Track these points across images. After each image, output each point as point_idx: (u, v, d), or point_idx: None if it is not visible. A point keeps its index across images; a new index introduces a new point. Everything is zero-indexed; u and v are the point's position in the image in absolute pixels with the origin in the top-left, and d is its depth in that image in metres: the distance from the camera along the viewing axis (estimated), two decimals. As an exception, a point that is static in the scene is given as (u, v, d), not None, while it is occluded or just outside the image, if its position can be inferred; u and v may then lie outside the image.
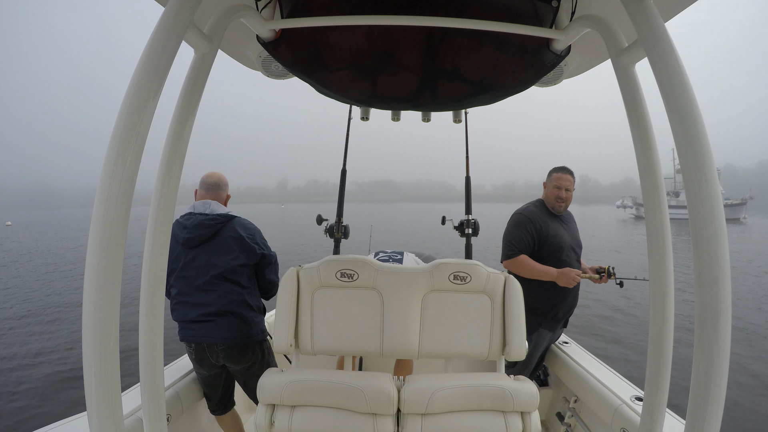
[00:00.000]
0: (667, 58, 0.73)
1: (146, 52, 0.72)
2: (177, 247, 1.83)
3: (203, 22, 0.91)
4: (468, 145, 2.55)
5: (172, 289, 1.86)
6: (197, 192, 1.95)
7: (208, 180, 1.93)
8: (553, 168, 2.35)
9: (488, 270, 1.58)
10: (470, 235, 2.45)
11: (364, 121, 2.12)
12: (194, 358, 1.84)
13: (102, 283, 0.67)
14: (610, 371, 1.98)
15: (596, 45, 1.26)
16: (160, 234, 0.88)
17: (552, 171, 2.35)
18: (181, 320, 1.83)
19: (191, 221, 1.82)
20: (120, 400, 0.72)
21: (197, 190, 1.95)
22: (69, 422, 1.42)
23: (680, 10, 0.95)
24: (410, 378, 1.40)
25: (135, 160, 0.69)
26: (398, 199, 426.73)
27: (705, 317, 0.69)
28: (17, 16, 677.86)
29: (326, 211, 2.61)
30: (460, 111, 2.12)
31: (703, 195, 0.68)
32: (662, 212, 0.89)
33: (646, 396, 0.92)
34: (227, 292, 1.81)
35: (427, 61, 1.24)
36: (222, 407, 1.97)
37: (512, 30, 1.03)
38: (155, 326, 0.88)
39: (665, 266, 0.88)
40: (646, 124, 0.87)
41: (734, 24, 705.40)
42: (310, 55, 1.22)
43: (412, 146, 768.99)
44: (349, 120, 2.48)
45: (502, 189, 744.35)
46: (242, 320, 1.83)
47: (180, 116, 0.88)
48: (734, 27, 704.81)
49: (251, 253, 1.86)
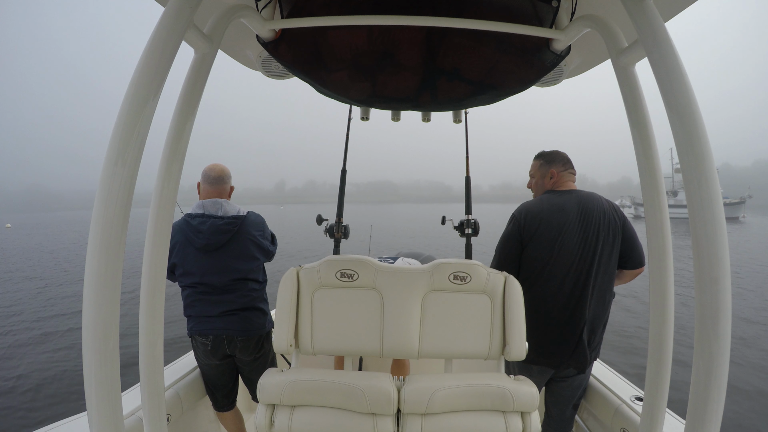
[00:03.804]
0: (667, 58, 0.73)
1: (146, 52, 0.72)
2: (189, 249, 1.82)
3: (203, 22, 0.91)
4: (468, 145, 2.55)
5: (188, 288, 1.87)
6: (200, 186, 1.93)
7: (211, 173, 1.91)
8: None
9: (488, 270, 1.58)
10: (470, 235, 2.45)
11: (364, 121, 2.12)
12: (209, 349, 1.85)
13: (102, 283, 0.67)
14: (610, 371, 1.98)
15: (596, 45, 1.26)
16: (160, 234, 0.88)
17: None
18: (199, 315, 1.84)
19: (207, 226, 1.80)
20: (120, 400, 0.72)
21: (200, 184, 1.93)
22: (69, 422, 1.42)
23: (680, 10, 0.96)
24: (410, 378, 1.40)
25: (135, 160, 0.69)
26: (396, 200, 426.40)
27: (705, 317, 0.69)
28: (16, 15, 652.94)
29: (324, 212, 2.61)
30: (460, 111, 2.12)
31: (703, 195, 0.68)
32: (662, 212, 0.89)
33: (646, 396, 0.92)
34: (249, 290, 1.89)
35: (427, 61, 1.24)
36: (228, 402, 1.99)
37: (512, 30, 1.03)
38: (155, 326, 0.88)
39: (665, 266, 0.88)
40: (646, 124, 0.87)
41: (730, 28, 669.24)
42: (310, 55, 1.22)
43: (410, 147, 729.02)
44: (349, 120, 2.48)
45: (499, 189, 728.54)
46: (262, 313, 1.93)
47: (180, 116, 0.87)
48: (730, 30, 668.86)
49: (266, 252, 1.97)
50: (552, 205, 1.71)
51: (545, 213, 1.70)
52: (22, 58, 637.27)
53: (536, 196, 1.88)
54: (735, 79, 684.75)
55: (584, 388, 1.85)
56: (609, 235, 1.66)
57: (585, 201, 1.70)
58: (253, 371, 1.94)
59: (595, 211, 1.68)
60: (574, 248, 1.65)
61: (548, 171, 1.83)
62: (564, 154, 1.86)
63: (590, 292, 1.65)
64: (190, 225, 1.82)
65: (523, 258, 1.73)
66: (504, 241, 1.78)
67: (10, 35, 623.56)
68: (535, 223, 1.70)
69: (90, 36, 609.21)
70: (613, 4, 1.01)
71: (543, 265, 1.68)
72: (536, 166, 1.89)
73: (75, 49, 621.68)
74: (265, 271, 2.02)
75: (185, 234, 1.82)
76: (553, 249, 1.66)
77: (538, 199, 1.79)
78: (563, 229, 1.66)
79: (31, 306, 9.52)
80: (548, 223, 1.68)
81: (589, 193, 1.76)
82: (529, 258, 1.71)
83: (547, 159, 1.86)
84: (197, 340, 1.87)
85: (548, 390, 1.85)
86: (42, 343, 6.84)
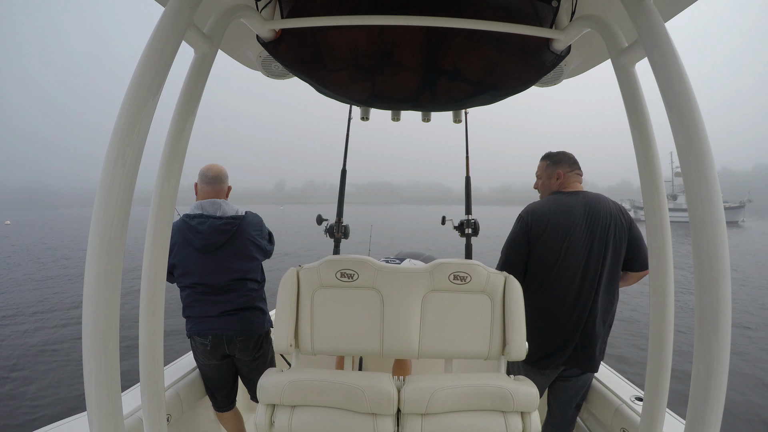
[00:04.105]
0: (667, 58, 0.73)
1: (146, 52, 0.72)
2: (188, 249, 1.82)
3: (203, 22, 0.91)
4: (468, 145, 2.55)
5: (187, 289, 1.87)
6: (197, 186, 1.94)
7: (209, 173, 1.92)
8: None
9: (488, 270, 1.58)
10: (470, 235, 2.45)
11: (364, 121, 2.12)
12: (208, 349, 1.85)
13: (102, 283, 0.67)
14: (611, 371, 1.98)
15: (596, 45, 1.26)
16: (160, 234, 0.88)
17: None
18: (199, 315, 1.85)
19: (206, 226, 1.81)
20: (120, 400, 0.72)
21: (197, 184, 1.94)
22: (69, 422, 1.42)
23: (680, 10, 0.95)
24: (410, 378, 1.40)
25: (135, 160, 0.69)
26: (396, 201, 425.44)
27: (705, 317, 0.69)
28: (17, 13, 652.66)
29: (324, 213, 2.61)
30: (460, 111, 2.12)
31: (703, 195, 0.68)
32: (662, 212, 0.89)
33: (646, 396, 0.92)
34: (248, 290, 1.90)
35: (427, 61, 1.24)
36: (228, 402, 1.99)
37: (512, 30, 1.03)
38: (155, 326, 0.88)
39: (665, 267, 0.88)
40: (646, 125, 0.87)
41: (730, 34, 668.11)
42: (310, 55, 1.22)
43: (409, 148, 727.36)
44: (349, 120, 2.48)
45: (499, 192, 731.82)
46: (261, 312, 1.94)
47: (180, 116, 0.88)
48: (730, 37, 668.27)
49: (265, 252, 1.98)
50: (559, 206, 1.71)
51: (552, 214, 1.70)
52: (22, 55, 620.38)
53: (543, 196, 1.88)
54: (734, 85, 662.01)
55: (587, 388, 1.85)
56: (615, 236, 1.66)
57: (592, 202, 1.70)
58: (253, 371, 1.95)
59: (602, 212, 1.68)
60: (580, 249, 1.65)
61: (555, 172, 1.83)
62: (570, 155, 1.85)
63: (597, 293, 1.65)
64: (189, 225, 1.82)
65: (530, 259, 1.73)
66: (511, 241, 1.78)
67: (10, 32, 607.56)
68: (542, 223, 1.69)
69: (90, 33, 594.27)
70: (613, 4, 1.01)
71: (550, 266, 1.68)
72: (543, 166, 1.89)
73: (75, 47, 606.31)
74: (263, 270, 2.03)
75: (184, 234, 1.82)
76: (561, 250, 1.66)
77: (545, 200, 1.78)
78: (570, 230, 1.66)
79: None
80: (555, 224, 1.67)
81: (595, 195, 1.75)
82: (537, 259, 1.71)
83: (554, 160, 1.85)
84: (196, 340, 1.86)
85: (552, 389, 1.85)
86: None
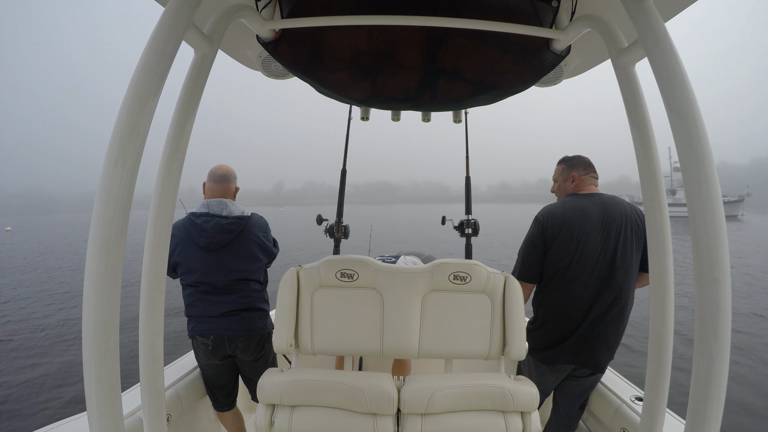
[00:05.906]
0: (667, 58, 0.73)
1: (146, 52, 0.72)
2: (192, 247, 1.83)
3: (203, 22, 0.91)
4: (468, 145, 2.55)
5: (189, 287, 1.87)
6: (205, 185, 1.96)
7: (217, 172, 1.94)
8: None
9: (488, 270, 1.58)
10: (470, 235, 2.45)
11: (364, 121, 2.12)
12: (210, 349, 1.86)
13: (102, 283, 0.67)
14: (611, 371, 1.98)
15: (596, 45, 1.26)
16: (160, 234, 0.88)
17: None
18: (201, 315, 1.85)
19: (211, 225, 1.82)
20: (120, 400, 0.72)
21: (205, 183, 1.96)
22: (69, 422, 1.42)
23: (680, 10, 0.95)
24: (410, 378, 1.40)
25: (135, 160, 0.69)
26: (395, 201, 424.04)
27: (705, 317, 0.69)
28: (15, 16, 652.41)
29: (323, 213, 2.61)
30: (460, 111, 2.12)
31: (703, 194, 0.68)
32: (662, 212, 0.89)
33: (646, 396, 0.92)
34: (250, 291, 1.90)
35: (427, 61, 1.24)
36: (229, 402, 2.00)
37: (512, 30, 1.03)
38: (155, 326, 0.88)
39: (665, 266, 0.88)
40: (646, 124, 0.87)
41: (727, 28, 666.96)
42: (310, 55, 1.22)
43: (407, 148, 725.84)
44: (349, 120, 2.48)
45: (497, 189, 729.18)
46: (263, 314, 1.95)
47: (180, 116, 0.87)
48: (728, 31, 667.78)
49: (269, 253, 1.99)
50: (574, 208, 1.73)
51: (568, 216, 1.72)
52: (19, 60, 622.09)
53: (559, 199, 1.91)
54: (732, 79, 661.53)
55: (593, 389, 1.87)
56: (631, 238, 1.68)
57: (607, 204, 1.72)
58: (254, 371, 1.95)
59: (617, 214, 1.69)
60: (595, 251, 1.67)
61: (570, 175, 1.86)
62: (586, 159, 1.89)
63: (611, 295, 1.66)
64: (194, 223, 1.83)
65: (546, 260, 1.75)
66: (527, 243, 1.80)
67: (7, 37, 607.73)
68: (557, 225, 1.72)
69: (88, 38, 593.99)
70: (613, 4, 1.01)
71: (565, 267, 1.69)
72: (559, 170, 1.93)
73: (73, 52, 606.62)
74: (266, 271, 2.03)
75: (188, 232, 1.83)
76: (575, 251, 1.68)
77: (561, 202, 1.81)
78: (585, 231, 1.68)
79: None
80: (570, 226, 1.70)
81: (611, 197, 1.78)
82: (552, 260, 1.73)
83: (569, 163, 1.89)
84: (198, 340, 1.87)
85: (559, 387, 1.86)
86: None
